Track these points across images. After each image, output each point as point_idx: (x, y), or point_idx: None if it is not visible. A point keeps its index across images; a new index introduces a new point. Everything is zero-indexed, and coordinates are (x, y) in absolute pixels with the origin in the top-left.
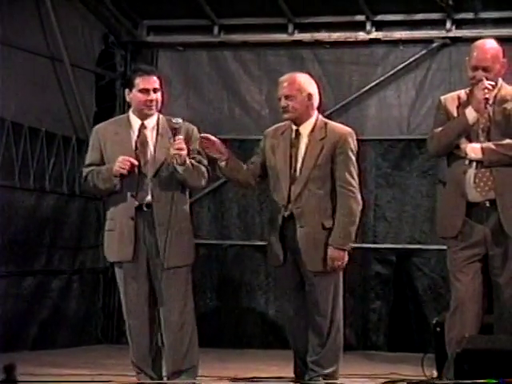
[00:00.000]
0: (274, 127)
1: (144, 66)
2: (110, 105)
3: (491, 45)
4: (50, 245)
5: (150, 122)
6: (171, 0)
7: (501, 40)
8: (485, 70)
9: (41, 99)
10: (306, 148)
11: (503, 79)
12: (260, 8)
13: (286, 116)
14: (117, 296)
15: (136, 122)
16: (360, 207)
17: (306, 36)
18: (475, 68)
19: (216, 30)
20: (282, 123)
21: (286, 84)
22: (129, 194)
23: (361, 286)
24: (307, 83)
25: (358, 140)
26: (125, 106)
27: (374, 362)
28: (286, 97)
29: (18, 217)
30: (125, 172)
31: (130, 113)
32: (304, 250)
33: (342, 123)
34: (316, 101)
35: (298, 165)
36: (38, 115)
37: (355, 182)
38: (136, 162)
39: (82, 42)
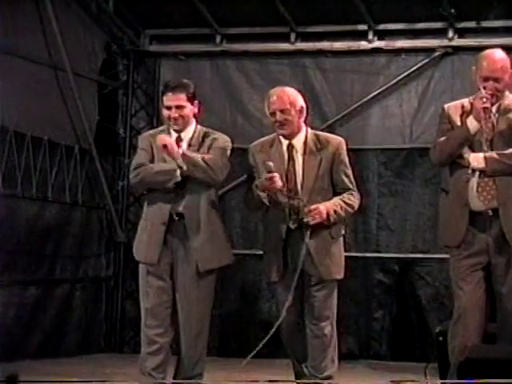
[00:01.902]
0: (258, 141)
1: (171, 82)
2: (113, 114)
3: (501, 55)
4: (53, 254)
5: (187, 135)
6: (174, 9)
7: (503, 49)
8: (496, 80)
9: (43, 108)
10: (304, 160)
11: (508, 89)
12: (262, 17)
13: (282, 131)
14: (119, 305)
15: (173, 134)
16: (357, 205)
17: (308, 45)
18: (486, 79)
19: (218, 39)
20: (267, 137)
21: (276, 98)
22: (165, 198)
23: (363, 295)
24: (297, 96)
25: (360, 149)
26: (127, 115)
27: (377, 371)
28: (282, 111)
29: (20, 226)
30: None
31: None
32: (317, 260)
33: (344, 132)
34: (305, 114)
35: (298, 178)
36: (41, 124)
37: (354, 187)
38: None
39: (85, 51)
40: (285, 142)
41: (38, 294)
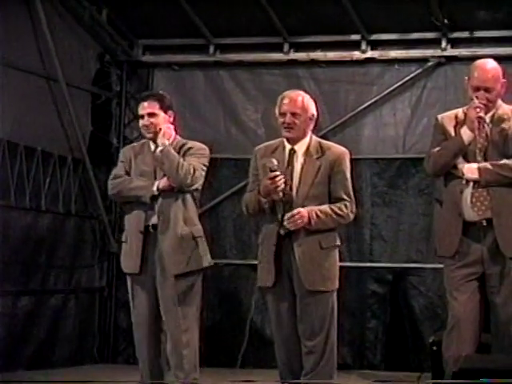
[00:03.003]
0: (263, 145)
1: (144, 93)
2: (106, 124)
3: (492, 65)
4: (46, 264)
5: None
6: (167, 19)
7: (496, 59)
8: (487, 90)
9: (37, 119)
10: (302, 167)
11: (502, 99)
12: (256, 27)
13: (288, 134)
14: (113, 315)
15: (152, 145)
16: (350, 217)
17: (301, 55)
18: (477, 88)
19: (212, 49)
20: (272, 141)
21: (289, 101)
22: (141, 208)
23: (357, 305)
24: (311, 104)
25: (353, 159)
26: (121, 125)
27: (371, 382)
28: (293, 114)
29: (13, 236)
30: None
31: None
32: (302, 269)
33: (338, 142)
34: (314, 123)
35: (294, 183)
36: (34, 135)
37: (350, 198)
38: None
39: (78, 61)
40: (287, 147)
41: (31, 305)
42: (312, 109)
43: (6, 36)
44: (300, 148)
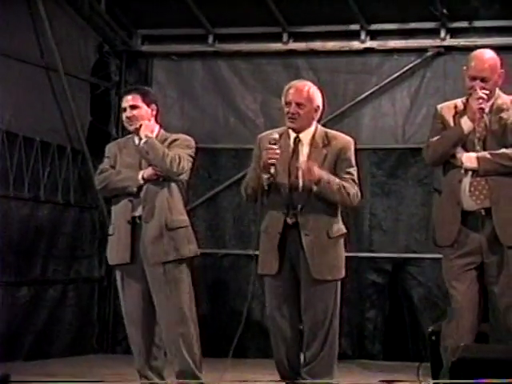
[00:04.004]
0: (267, 133)
1: (128, 87)
2: (105, 114)
3: (490, 55)
4: (45, 254)
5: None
6: (166, 9)
7: (495, 49)
8: (483, 80)
9: (36, 109)
10: (308, 156)
11: (500, 89)
12: (255, 17)
13: (292, 124)
14: (112, 305)
15: (136, 139)
16: (355, 198)
17: (300, 45)
18: (473, 78)
19: (211, 39)
20: (276, 129)
21: (295, 91)
22: (128, 199)
23: (356, 295)
24: (316, 94)
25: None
26: (119, 116)
27: (370, 371)
28: (298, 104)
29: (12, 226)
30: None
31: None
32: (310, 258)
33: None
34: (319, 114)
35: (301, 171)
36: (33, 125)
37: (355, 183)
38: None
39: (77, 51)
40: (292, 135)
41: (31, 295)
42: (318, 100)
43: (4, 26)
44: (305, 137)
